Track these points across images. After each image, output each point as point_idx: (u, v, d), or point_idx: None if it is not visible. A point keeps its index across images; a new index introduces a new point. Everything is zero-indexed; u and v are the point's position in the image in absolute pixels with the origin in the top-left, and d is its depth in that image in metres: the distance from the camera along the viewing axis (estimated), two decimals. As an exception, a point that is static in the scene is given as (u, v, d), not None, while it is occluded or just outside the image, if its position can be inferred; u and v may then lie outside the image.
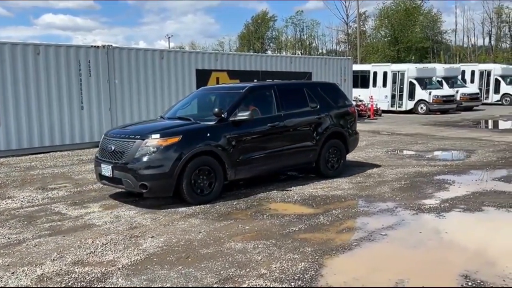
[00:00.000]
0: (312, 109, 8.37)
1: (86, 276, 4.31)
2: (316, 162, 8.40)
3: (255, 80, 14.18)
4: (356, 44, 48.22)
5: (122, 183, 6.71)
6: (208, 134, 6.95)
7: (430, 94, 24.00)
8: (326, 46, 67.91)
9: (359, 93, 24.09)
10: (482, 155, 10.68)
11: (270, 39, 70.52)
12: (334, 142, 8.64)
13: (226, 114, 7.18)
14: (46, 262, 4.66)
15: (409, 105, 24.70)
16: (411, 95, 24.58)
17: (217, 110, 7.14)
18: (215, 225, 5.79)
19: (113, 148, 6.85)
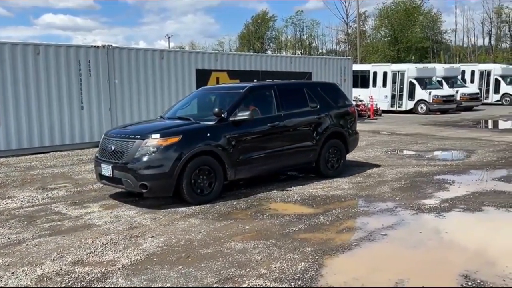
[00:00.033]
0: (312, 109, 8.37)
1: (86, 276, 4.31)
2: (316, 162, 8.40)
3: (255, 80, 14.17)
4: (356, 44, 48.23)
5: (122, 183, 6.71)
6: (208, 134, 6.95)
7: (430, 94, 24.00)
8: (326, 46, 68.06)
9: (359, 93, 24.10)
10: (482, 155, 10.68)
11: (270, 39, 70.58)
12: (334, 142, 8.65)
13: (226, 114, 7.18)
14: (46, 262, 4.66)
15: (409, 105, 24.70)
16: (411, 95, 24.58)
17: (217, 110, 7.14)
18: (215, 225, 5.79)
19: (113, 148, 6.85)
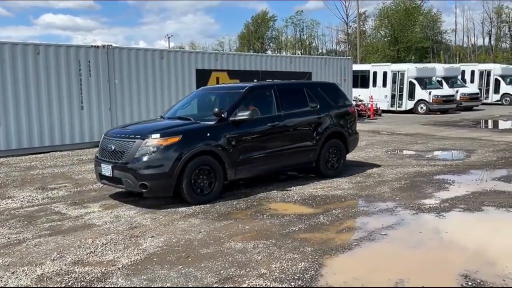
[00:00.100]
0: (312, 109, 8.37)
1: (86, 276, 4.31)
2: (316, 162, 8.40)
3: (255, 80, 14.17)
4: (356, 44, 48.23)
5: (122, 183, 6.71)
6: (208, 134, 6.95)
7: (430, 94, 24.00)
8: (326, 46, 68.07)
9: (359, 93, 24.11)
10: (482, 155, 10.68)
11: (270, 39, 70.60)
12: (334, 142, 8.65)
13: (226, 114, 7.18)
14: (46, 262, 4.66)
15: (409, 105, 24.70)
16: (411, 95, 24.58)
17: (217, 110, 7.14)
18: (215, 225, 5.79)
19: (113, 148, 6.85)
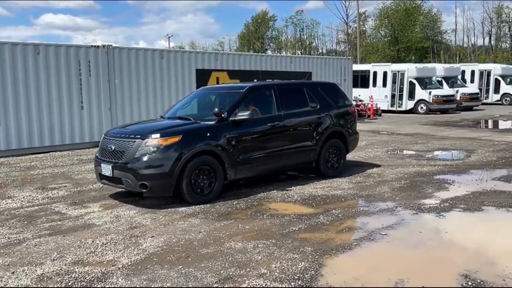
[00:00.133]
0: (312, 109, 8.37)
1: (86, 276, 4.31)
2: (316, 161, 8.40)
3: (255, 80, 14.18)
4: (356, 44, 48.23)
5: (122, 183, 6.71)
6: (208, 134, 6.95)
7: (430, 94, 24.00)
8: (326, 46, 68.07)
9: (359, 93, 24.10)
10: (482, 155, 10.68)
11: (270, 39, 70.61)
12: (334, 141, 8.65)
13: (226, 114, 7.18)
14: (46, 261, 4.66)
15: (409, 105, 24.69)
16: (411, 95, 24.58)
17: (217, 110, 7.14)
18: (215, 224, 5.79)
19: (113, 147, 6.85)
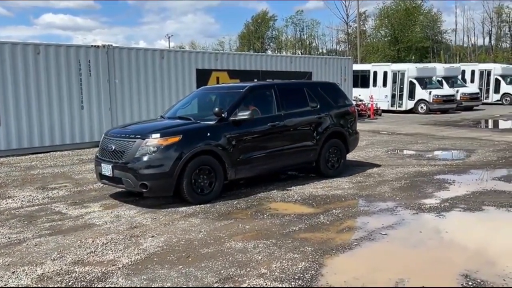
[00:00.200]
0: (312, 108, 8.37)
1: (87, 275, 4.31)
2: (316, 161, 8.40)
3: (255, 79, 14.18)
4: (356, 43, 48.20)
5: (122, 183, 6.71)
6: (208, 134, 6.95)
7: (430, 93, 23.99)
8: (326, 46, 68.08)
9: (359, 92, 24.10)
10: (482, 155, 10.68)
11: (270, 39, 70.61)
12: (334, 141, 8.65)
13: (226, 113, 7.18)
14: (47, 261, 4.67)
15: (409, 104, 24.69)
16: (411, 95, 24.57)
17: (217, 110, 7.14)
18: (216, 224, 5.79)
19: (113, 147, 6.85)
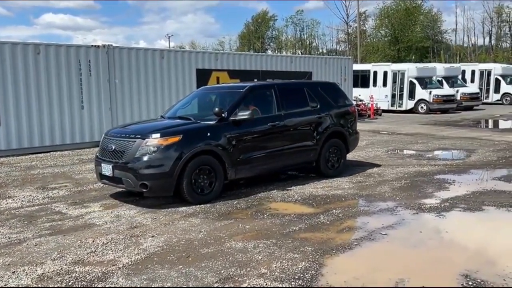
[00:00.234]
0: (312, 108, 8.37)
1: (87, 275, 4.31)
2: (316, 161, 8.40)
3: (256, 79, 14.17)
4: (356, 43, 48.20)
5: (122, 183, 6.71)
6: (208, 134, 6.95)
7: (431, 93, 23.99)
8: (326, 46, 68.09)
9: (359, 92, 24.10)
10: (482, 155, 10.67)
11: (270, 39, 70.62)
12: (335, 141, 8.64)
13: (226, 113, 7.18)
14: (47, 261, 4.67)
15: (409, 104, 24.69)
16: (411, 95, 24.57)
17: (217, 110, 7.14)
18: (216, 224, 5.79)
19: (113, 147, 6.85)
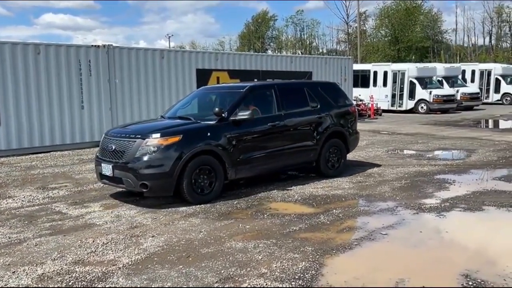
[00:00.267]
0: (312, 108, 8.37)
1: (87, 275, 4.31)
2: (316, 161, 8.40)
3: (256, 79, 14.17)
4: (356, 43, 48.18)
5: (122, 183, 6.71)
6: (208, 134, 6.94)
7: (431, 93, 23.98)
8: (327, 46, 68.05)
9: (360, 92, 24.10)
10: (483, 155, 10.67)
11: (271, 39, 70.60)
12: (335, 141, 8.64)
13: (226, 113, 7.18)
14: (47, 261, 4.67)
15: (409, 104, 24.68)
16: (412, 95, 24.57)
17: (217, 110, 7.14)
18: (216, 224, 5.79)
19: (113, 147, 6.85)
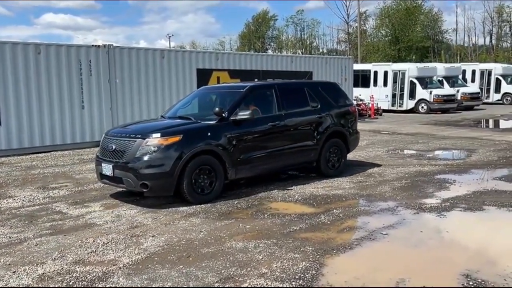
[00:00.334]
0: (312, 108, 8.37)
1: (87, 275, 4.31)
2: (317, 161, 8.40)
3: (256, 79, 14.19)
4: (356, 43, 48.19)
5: (122, 182, 6.71)
6: (208, 134, 6.94)
7: (431, 93, 23.97)
8: (327, 46, 68.06)
9: (360, 92, 24.11)
10: (483, 155, 10.67)
11: (271, 39, 70.61)
12: (335, 141, 8.64)
13: (226, 113, 7.18)
14: (47, 261, 4.67)
15: (409, 104, 24.68)
16: (412, 95, 24.56)
17: (217, 110, 7.14)
18: (216, 224, 5.79)
19: (114, 147, 6.85)
